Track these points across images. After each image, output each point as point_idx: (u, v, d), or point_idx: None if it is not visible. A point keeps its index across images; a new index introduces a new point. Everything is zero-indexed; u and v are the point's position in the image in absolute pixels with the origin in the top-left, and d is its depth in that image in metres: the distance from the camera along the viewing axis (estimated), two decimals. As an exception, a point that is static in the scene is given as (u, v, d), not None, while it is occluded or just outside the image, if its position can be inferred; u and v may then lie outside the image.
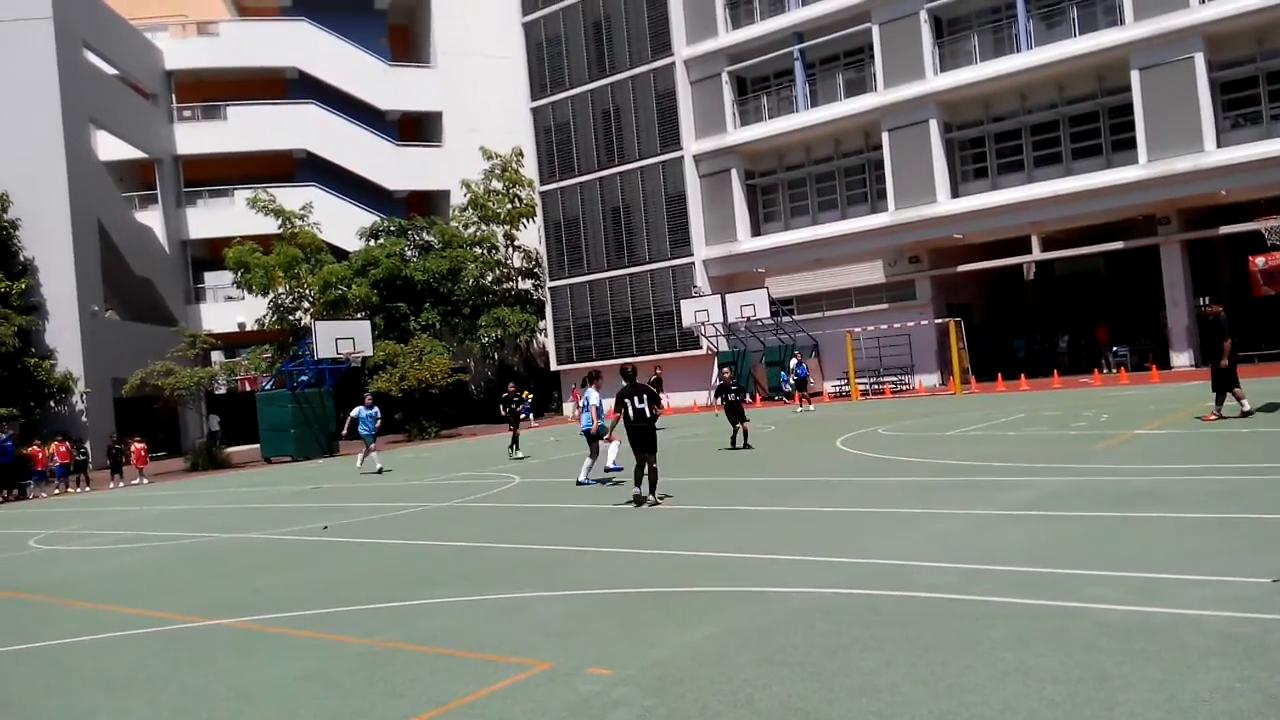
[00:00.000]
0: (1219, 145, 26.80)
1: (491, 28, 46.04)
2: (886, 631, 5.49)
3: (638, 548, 8.90)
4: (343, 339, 30.73)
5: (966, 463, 12.46)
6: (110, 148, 43.14)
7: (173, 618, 7.86)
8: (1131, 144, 28.16)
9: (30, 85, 35.96)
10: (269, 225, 40.05)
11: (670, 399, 36.38)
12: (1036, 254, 31.20)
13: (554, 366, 41.29)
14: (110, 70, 42.05)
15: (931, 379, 32.58)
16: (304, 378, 31.70)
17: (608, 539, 9.60)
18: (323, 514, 14.16)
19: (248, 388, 39.73)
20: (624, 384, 11.42)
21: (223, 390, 40.33)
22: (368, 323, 33.54)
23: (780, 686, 4.75)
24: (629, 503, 11.32)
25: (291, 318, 39.93)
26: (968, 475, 11.50)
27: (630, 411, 11.15)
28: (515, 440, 21.06)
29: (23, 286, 35.02)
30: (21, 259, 35.84)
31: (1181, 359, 28.15)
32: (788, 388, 29.47)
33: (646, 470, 11.09)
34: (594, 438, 14.31)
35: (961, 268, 32.39)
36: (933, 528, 8.56)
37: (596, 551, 8.97)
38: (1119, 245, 29.38)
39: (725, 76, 36.12)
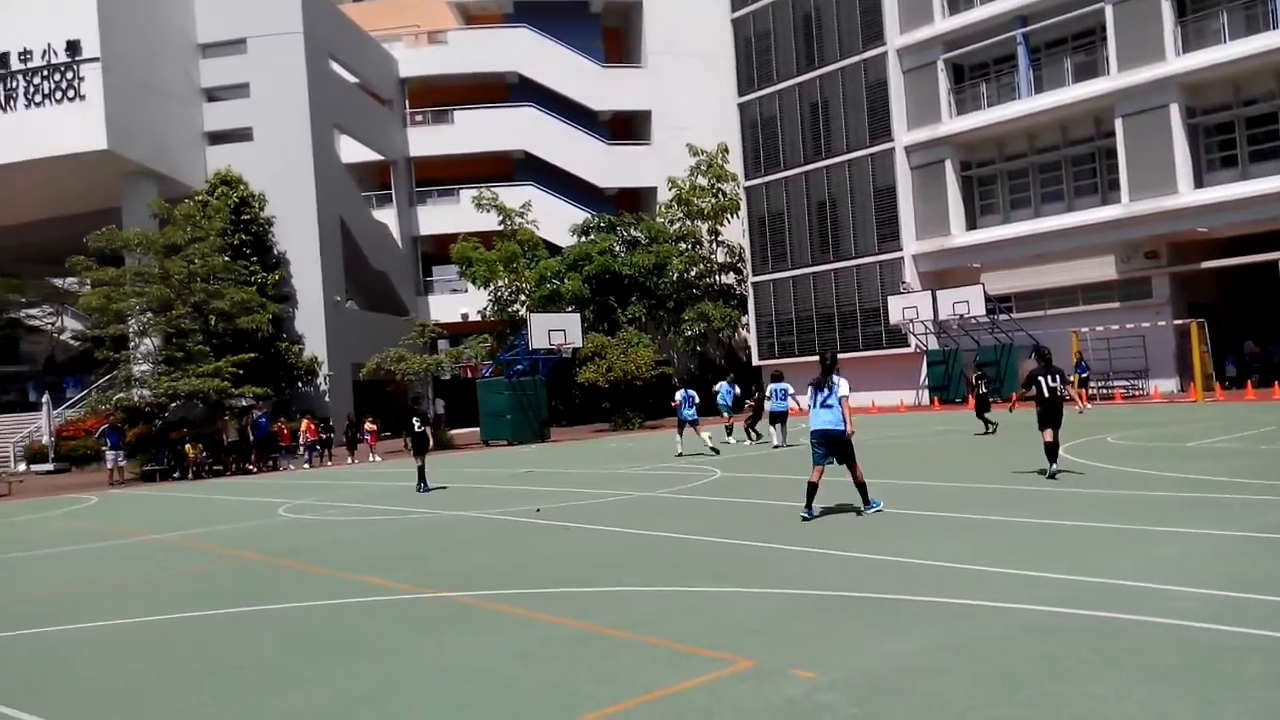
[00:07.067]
0: None
1: (701, 26, 46.31)
2: (1120, 657, 5.10)
3: (841, 550, 8.70)
4: (555, 330, 31.94)
5: (1209, 478, 11.39)
6: (351, 151, 46.65)
7: (406, 588, 8.43)
8: None
9: (283, 94, 39.54)
10: (490, 222, 42.18)
11: (875, 398, 35.46)
12: (1297, 249, 28.03)
13: (755, 361, 41.16)
14: (351, 79, 45.48)
15: (1169, 385, 29.98)
16: (519, 366, 33.17)
17: (810, 539, 9.44)
18: (534, 497, 14.78)
19: (469, 374, 41.96)
20: (1039, 364, 12.64)
21: (447, 376, 42.82)
22: (578, 315, 34.65)
23: (998, 709, 4.51)
24: (1046, 475, 12.20)
25: (509, 310, 41.86)
26: (1211, 492, 10.51)
27: (1044, 389, 12.34)
28: (752, 428, 22.64)
29: (276, 278, 38.62)
30: (276, 253, 39.56)
31: None
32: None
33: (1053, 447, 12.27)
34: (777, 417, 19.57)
35: (1206, 264, 29.58)
36: (1170, 549, 7.88)
37: (798, 551, 8.86)
38: (1402, 239, 25.96)
39: (941, 64, 34.67)
